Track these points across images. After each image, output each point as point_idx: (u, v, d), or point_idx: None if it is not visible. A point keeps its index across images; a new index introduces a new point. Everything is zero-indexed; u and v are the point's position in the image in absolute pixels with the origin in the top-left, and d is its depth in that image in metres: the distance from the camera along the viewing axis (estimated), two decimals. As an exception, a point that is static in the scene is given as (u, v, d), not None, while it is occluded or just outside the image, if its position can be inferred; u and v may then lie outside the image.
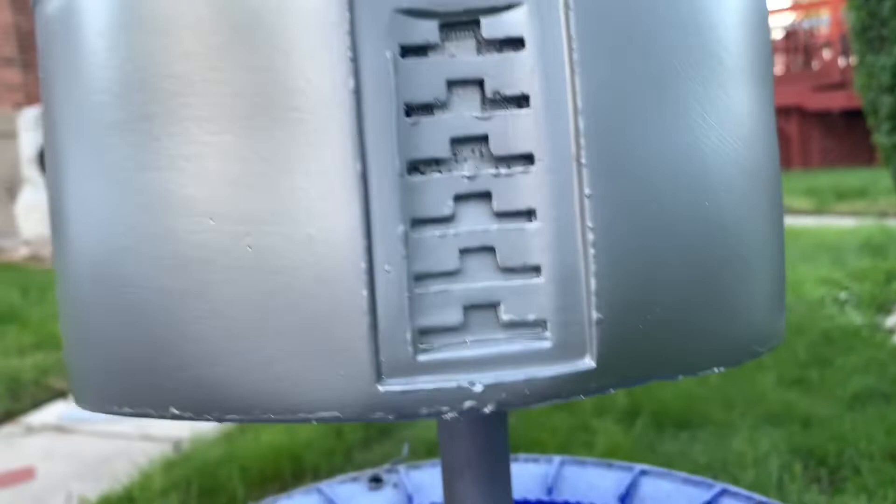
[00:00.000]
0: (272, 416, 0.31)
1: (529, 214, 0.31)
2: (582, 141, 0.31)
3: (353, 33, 0.30)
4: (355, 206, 0.30)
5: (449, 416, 0.30)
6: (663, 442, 2.36)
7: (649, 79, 0.32)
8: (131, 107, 0.32)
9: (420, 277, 0.31)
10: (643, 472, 0.74)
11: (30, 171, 6.21)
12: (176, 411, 0.32)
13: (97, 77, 0.33)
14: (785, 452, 2.18)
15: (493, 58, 0.31)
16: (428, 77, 0.31)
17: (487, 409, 0.30)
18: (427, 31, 0.31)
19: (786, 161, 9.57)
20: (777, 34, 9.93)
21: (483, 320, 0.31)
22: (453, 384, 0.30)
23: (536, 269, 0.31)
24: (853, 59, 3.34)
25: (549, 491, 0.75)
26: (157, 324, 0.32)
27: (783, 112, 9.44)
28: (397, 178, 0.30)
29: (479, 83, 0.32)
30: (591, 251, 0.31)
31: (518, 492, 0.76)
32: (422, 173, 0.31)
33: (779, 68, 9.95)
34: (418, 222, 0.31)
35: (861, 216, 5.15)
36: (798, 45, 9.69)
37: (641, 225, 0.32)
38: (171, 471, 2.84)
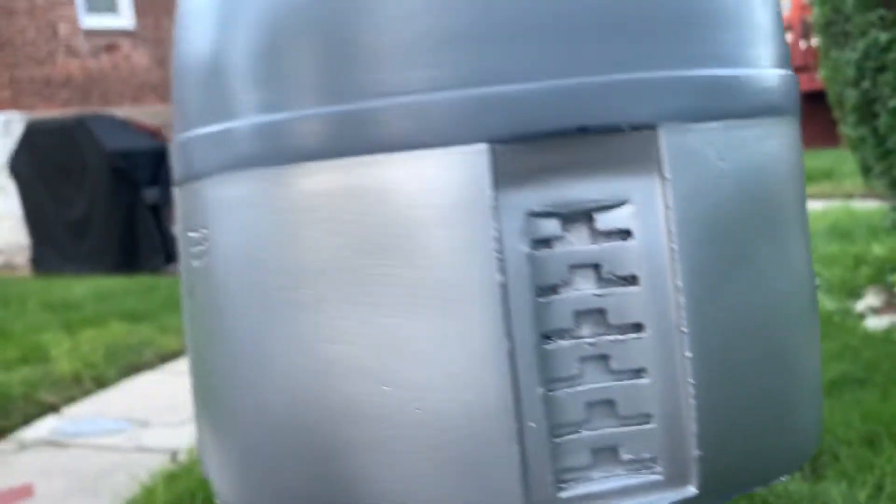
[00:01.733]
0: None
1: (641, 372, 0.39)
2: (683, 313, 0.38)
3: (499, 239, 0.37)
4: (506, 377, 0.37)
5: (589, 541, 0.37)
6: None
7: (734, 254, 0.40)
8: (309, 290, 0.39)
9: (556, 428, 0.38)
10: None
11: (1, 178, 6.13)
12: None
13: (277, 266, 0.39)
14: (768, 442, 2.25)
15: (607, 246, 0.39)
16: (554, 264, 0.38)
17: (616, 534, 0.37)
18: (552, 227, 0.38)
19: (750, 142, 9.69)
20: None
21: (607, 459, 0.39)
22: (589, 515, 0.38)
23: (648, 417, 0.39)
24: (816, 48, 3.44)
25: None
26: (334, 465, 0.39)
27: (746, 94, 9.58)
28: (535, 349, 0.37)
29: (596, 266, 0.39)
30: (692, 402, 0.38)
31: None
32: (553, 342, 0.38)
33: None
34: (552, 383, 0.38)
35: (828, 198, 5.30)
36: (758, 27, 9.82)
37: (730, 375, 0.39)
38: (173, 484, 2.88)
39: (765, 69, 0.41)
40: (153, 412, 3.87)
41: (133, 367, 4.32)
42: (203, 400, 0.46)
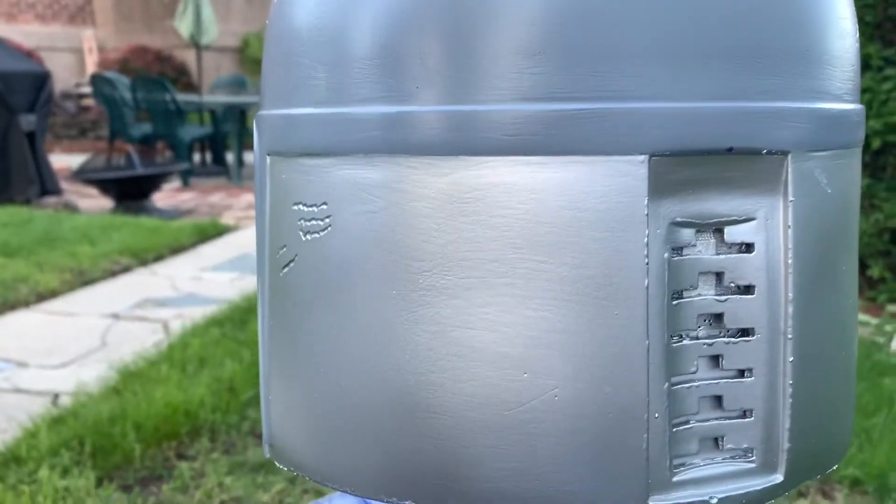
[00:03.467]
0: None
1: (746, 371, 0.43)
2: (790, 322, 0.42)
3: (647, 245, 0.39)
4: (643, 373, 0.40)
5: (694, 522, 0.41)
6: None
7: (829, 270, 0.45)
8: (452, 277, 0.40)
9: (674, 419, 0.42)
10: None
11: None
12: None
13: (417, 251, 0.41)
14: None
15: (732, 256, 0.42)
16: (685, 270, 0.42)
17: (718, 516, 0.42)
18: (687, 236, 0.42)
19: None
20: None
21: (710, 448, 0.43)
22: (698, 498, 0.41)
23: (749, 411, 0.43)
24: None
25: None
26: (458, 442, 0.41)
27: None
28: (665, 347, 0.41)
29: (718, 274, 0.42)
30: (789, 400, 0.43)
31: None
32: (678, 341, 0.42)
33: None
34: (674, 377, 0.42)
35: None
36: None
37: (819, 378, 0.44)
38: (58, 428, 2.76)
39: (855, 104, 0.46)
40: (31, 353, 3.68)
41: (7, 305, 4.09)
42: (290, 368, 0.47)
